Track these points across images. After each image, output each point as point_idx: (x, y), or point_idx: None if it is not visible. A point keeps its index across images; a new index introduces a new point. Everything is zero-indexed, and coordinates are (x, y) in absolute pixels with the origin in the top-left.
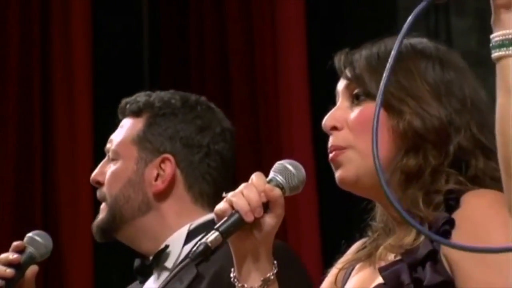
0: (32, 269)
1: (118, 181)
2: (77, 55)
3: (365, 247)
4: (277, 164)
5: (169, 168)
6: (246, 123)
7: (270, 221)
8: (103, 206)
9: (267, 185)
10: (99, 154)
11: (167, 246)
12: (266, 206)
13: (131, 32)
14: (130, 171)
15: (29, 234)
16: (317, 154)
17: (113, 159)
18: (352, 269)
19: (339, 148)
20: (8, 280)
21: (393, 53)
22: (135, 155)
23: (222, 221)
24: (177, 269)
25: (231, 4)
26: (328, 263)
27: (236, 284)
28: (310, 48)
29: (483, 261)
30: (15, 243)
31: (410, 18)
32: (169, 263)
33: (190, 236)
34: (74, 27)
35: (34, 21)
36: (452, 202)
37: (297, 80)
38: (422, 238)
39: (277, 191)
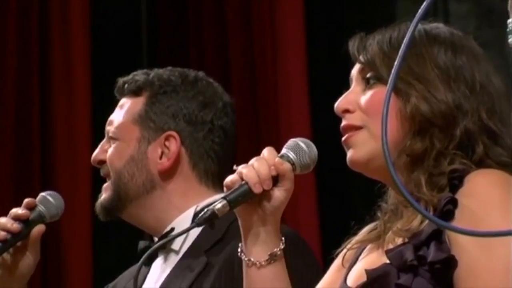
0: (39, 228)
1: (121, 158)
2: (75, 33)
3: (375, 229)
4: (290, 141)
5: (173, 145)
6: (245, 104)
7: (279, 194)
8: (106, 184)
9: (277, 159)
10: (97, 135)
11: (173, 229)
12: (276, 180)
13: (129, 11)
14: (132, 149)
15: (42, 193)
16: (315, 136)
17: (114, 139)
18: (362, 251)
19: (354, 127)
20: (13, 234)
21: (405, 40)
22: (137, 135)
23: (230, 190)
24: (180, 231)
25: None
26: (326, 247)
27: (243, 258)
28: (309, 30)
29: (478, 239)
30: (26, 200)
31: (423, 6)
32: (175, 245)
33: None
34: (72, 6)
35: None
36: (456, 182)
37: (295, 61)
38: (428, 220)
39: (287, 165)
